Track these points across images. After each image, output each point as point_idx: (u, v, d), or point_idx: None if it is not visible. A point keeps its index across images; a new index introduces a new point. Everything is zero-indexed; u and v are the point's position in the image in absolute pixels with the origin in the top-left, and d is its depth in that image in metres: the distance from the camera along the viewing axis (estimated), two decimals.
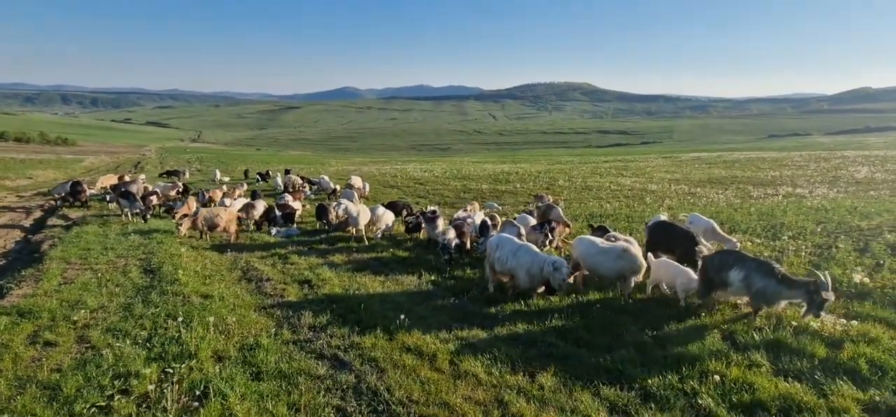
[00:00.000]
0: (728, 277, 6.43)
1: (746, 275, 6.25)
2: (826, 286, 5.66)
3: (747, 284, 6.24)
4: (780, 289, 6.01)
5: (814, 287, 5.74)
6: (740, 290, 6.39)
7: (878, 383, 4.70)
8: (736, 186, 26.87)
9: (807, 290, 5.80)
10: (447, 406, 4.33)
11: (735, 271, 6.39)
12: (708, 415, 4.25)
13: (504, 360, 5.32)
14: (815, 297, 5.71)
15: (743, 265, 6.38)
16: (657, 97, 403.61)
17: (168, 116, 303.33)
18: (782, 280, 6.01)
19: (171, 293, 7.00)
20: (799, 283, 5.94)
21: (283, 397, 4.30)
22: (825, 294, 5.64)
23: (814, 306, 5.73)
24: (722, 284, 6.55)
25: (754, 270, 6.23)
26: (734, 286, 6.39)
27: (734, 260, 6.55)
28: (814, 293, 5.72)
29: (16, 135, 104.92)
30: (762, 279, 6.11)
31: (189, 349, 5.05)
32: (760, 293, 6.13)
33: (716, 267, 6.72)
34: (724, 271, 6.51)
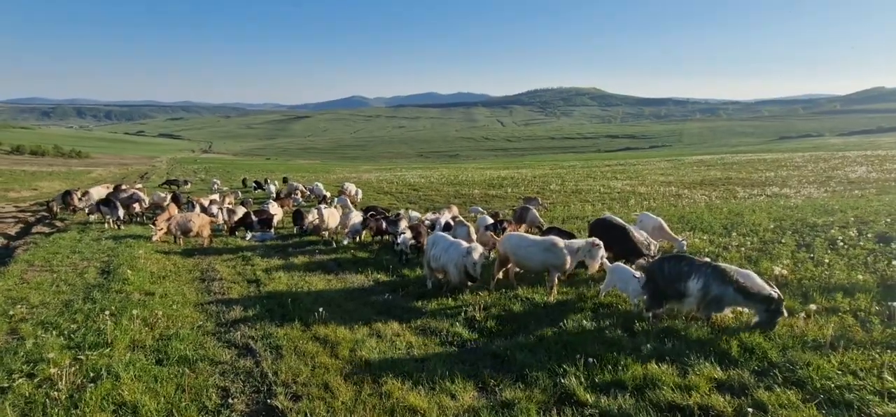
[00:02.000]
0: (686, 288, 5.95)
1: (705, 284, 5.82)
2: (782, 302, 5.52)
3: (704, 293, 5.83)
4: (737, 297, 5.69)
5: (775, 303, 5.50)
6: (698, 300, 5.92)
7: (743, 364, 4.92)
8: (725, 187, 26.90)
9: (767, 306, 5.53)
10: (327, 387, 4.65)
11: (693, 280, 5.91)
12: (565, 391, 4.51)
13: (402, 348, 5.64)
14: (773, 313, 5.50)
15: (700, 273, 5.91)
16: (666, 100, 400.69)
17: (180, 128, 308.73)
18: (739, 288, 5.66)
19: (114, 291, 7.43)
20: (757, 295, 5.59)
21: (174, 380, 4.66)
22: (783, 309, 5.51)
23: (767, 322, 5.51)
24: (678, 295, 6.06)
25: (712, 277, 5.82)
26: (692, 296, 5.92)
27: (689, 269, 6.02)
28: (775, 309, 5.51)
29: (32, 148, 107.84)
30: (720, 286, 5.75)
31: (106, 339, 5.44)
32: (716, 300, 5.79)
33: (668, 277, 6.16)
34: (681, 281, 6.00)
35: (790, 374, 4.68)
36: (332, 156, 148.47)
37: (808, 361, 4.83)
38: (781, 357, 4.98)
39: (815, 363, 4.80)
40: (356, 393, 4.52)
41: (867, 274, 7.45)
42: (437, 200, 24.65)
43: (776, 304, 5.49)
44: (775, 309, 5.49)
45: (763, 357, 5.02)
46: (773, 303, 5.50)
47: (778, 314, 5.49)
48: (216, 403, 4.36)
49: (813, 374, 4.61)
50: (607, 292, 7.36)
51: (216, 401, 4.39)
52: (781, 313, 5.50)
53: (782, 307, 5.51)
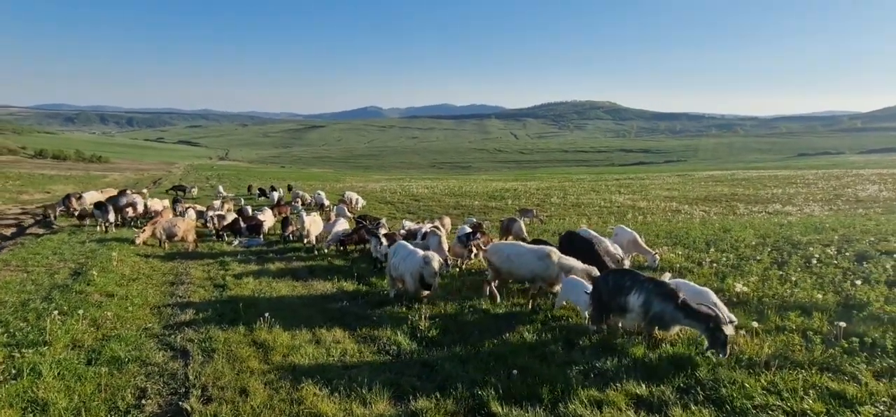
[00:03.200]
0: (627, 302, 5.92)
1: (646, 300, 5.75)
2: (724, 320, 5.34)
3: (646, 309, 5.77)
4: (677, 316, 5.56)
5: (714, 322, 5.27)
6: (639, 316, 5.88)
7: (669, 380, 4.82)
8: (727, 203, 26.59)
9: (707, 326, 5.31)
10: (243, 391, 4.69)
11: (634, 295, 5.86)
12: (479, 402, 4.47)
13: (336, 355, 5.66)
14: (716, 334, 5.24)
15: (641, 288, 5.85)
16: (681, 115, 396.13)
17: (198, 135, 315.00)
18: (681, 306, 5.54)
19: (75, 292, 7.59)
20: (697, 314, 5.42)
21: (96, 379, 4.73)
22: (726, 328, 5.26)
23: (717, 343, 5.23)
24: (620, 309, 6.03)
25: (653, 293, 5.75)
26: (634, 312, 5.88)
27: (632, 284, 5.98)
28: (714, 329, 5.25)
29: (54, 152, 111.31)
30: (661, 303, 5.65)
31: (46, 338, 5.56)
32: (658, 317, 5.70)
33: (611, 291, 6.14)
34: (622, 296, 5.97)
35: (713, 392, 4.58)
36: (345, 166, 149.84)
37: (734, 379, 4.72)
38: (710, 375, 4.87)
39: (741, 382, 4.68)
40: (269, 398, 4.54)
41: (830, 293, 7.26)
42: (436, 210, 24.75)
43: (714, 323, 5.27)
44: (714, 328, 5.25)
45: (691, 374, 4.91)
46: (710, 321, 5.29)
47: (720, 333, 5.22)
48: (129, 403, 4.42)
49: (736, 393, 4.50)
50: (560, 305, 7.27)
51: (129, 402, 4.45)
52: (722, 333, 5.22)
53: (721, 327, 5.24)
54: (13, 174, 48.04)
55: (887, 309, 6.31)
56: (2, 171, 52.70)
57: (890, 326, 5.85)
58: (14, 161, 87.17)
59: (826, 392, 4.45)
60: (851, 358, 5.11)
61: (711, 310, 5.40)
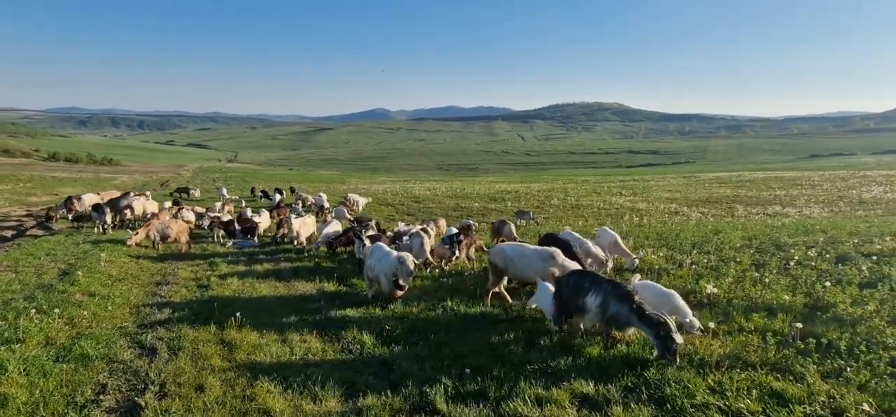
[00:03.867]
0: (585, 303, 5.98)
1: (603, 300, 5.82)
2: (672, 329, 5.24)
3: (603, 309, 5.83)
4: (631, 318, 5.59)
5: (664, 330, 5.22)
6: (597, 316, 5.94)
7: (618, 380, 4.89)
8: (727, 205, 26.52)
9: (657, 333, 5.29)
10: (200, 387, 4.84)
11: (592, 296, 5.93)
12: (426, 400, 4.58)
13: (299, 353, 5.82)
14: (666, 341, 5.20)
15: (599, 289, 5.91)
16: (691, 116, 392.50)
17: (208, 138, 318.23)
18: (635, 309, 5.56)
19: (58, 291, 7.81)
20: (649, 319, 5.41)
21: (60, 376, 4.92)
22: (675, 336, 5.20)
23: (667, 350, 5.21)
24: (578, 310, 6.12)
25: (610, 294, 5.80)
26: (592, 313, 5.94)
27: (590, 285, 6.07)
28: (664, 336, 5.21)
29: (66, 155, 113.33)
30: (617, 304, 5.70)
31: (19, 335, 5.76)
32: (614, 318, 5.76)
33: (571, 291, 6.23)
34: (580, 296, 6.05)
35: (657, 392, 4.64)
36: (352, 168, 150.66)
37: (680, 379, 4.78)
38: (657, 374, 4.94)
39: (687, 381, 4.74)
40: (223, 394, 4.69)
41: (799, 295, 7.26)
42: (436, 212, 24.91)
43: (664, 331, 5.21)
44: (664, 335, 5.19)
45: (640, 373, 4.98)
46: (661, 329, 5.24)
47: (670, 341, 5.17)
48: (87, 398, 4.59)
49: (678, 392, 4.56)
50: (531, 307, 7.34)
51: (88, 397, 4.62)
52: (673, 341, 5.16)
53: (672, 335, 5.18)
54: (25, 176, 48.99)
55: (851, 311, 6.31)
56: (14, 174, 53.75)
57: (849, 327, 5.86)
58: (28, 163, 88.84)
59: (768, 392, 4.50)
60: (803, 359, 5.13)
61: (663, 317, 5.34)
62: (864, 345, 5.31)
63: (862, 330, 5.72)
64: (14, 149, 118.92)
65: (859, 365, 4.94)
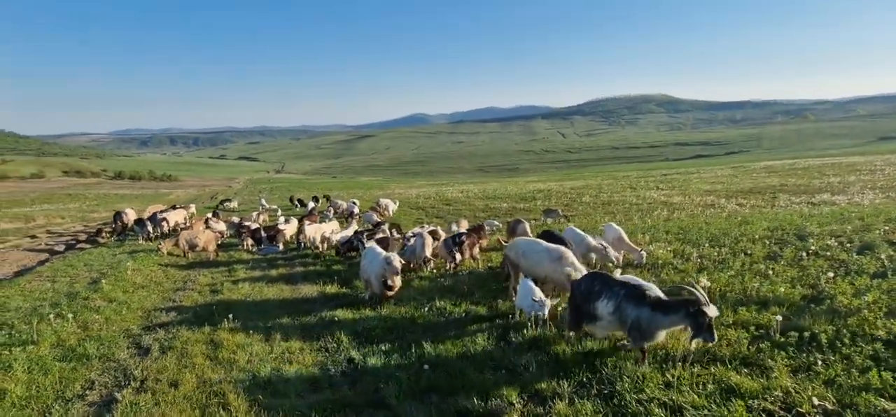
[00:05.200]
0: (596, 309, 5.34)
1: (617, 306, 5.14)
2: (704, 301, 4.65)
3: (620, 316, 5.13)
4: (657, 318, 4.86)
5: (694, 307, 4.63)
6: (613, 324, 5.27)
7: (573, 375, 4.85)
8: (770, 195, 25.12)
9: (687, 312, 4.68)
10: (175, 384, 5.22)
11: (603, 302, 5.27)
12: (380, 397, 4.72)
13: (278, 352, 6.14)
14: (698, 319, 4.60)
15: (611, 293, 5.26)
16: (744, 103, 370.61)
17: (256, 151, 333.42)
18: (657, 305, 4.89)
19: (81, 298, 8.56)
20: (676, 305, 4.82)
21: (58, 373, 5.44)
22: (707, 309, 4.59)
23: (702, 330, 4.60)
24: (591, 317, 5.45)
25: (624, 298, 5.12)
26: (604, 320, 5.29)
27: (601, 288, 5.42)
28: (696, 314, 4.62)
29: (130, 173, 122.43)
30: (635, 308, 5.00)
31: (33, 338, 6.40)
32: (636, 326, 4.96)
33: (583, 295, 5.60)
34: (591, 301, 5.42)
35: (608, 386, 4.56)
36: (393, 173, 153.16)
37: (637, 374, 4.68)
38: (614, 370, 4.84)
39: (643, 376, 4.63)
40: (194, 389, 5.04)
41: (799, 287, 6.84)
42: (465, 213, 25.04)
43: (693, 307, 4.62)
44: (696, 313, 4.60)
45: (596, 369, 4.91)
46: (692, 308, 4.63)
47: (701, 316, 4.57)
48: (75, 393, 5.07)
49: (628, 387, 4.47)
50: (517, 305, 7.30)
51: (76, 392, 5.10)
52: (704, 315, 4.57)
53: (702, 308, 4.57)
54: (92, 195, 53.29)
55: (848, 303, 5.90)
56: (85, 193, 58.54)
57: (841, 319, 5.49)
58: (97, 183, 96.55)
59: (724, 387, 4.33)
60: (777, 353, 4.89)
61: (690, 294, 4.75)
62: (848, 338, 4.99)
63: (852, 322, 5.35)
64: (85, 170, 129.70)
65: (836, 359, 4.65)
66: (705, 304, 4.56)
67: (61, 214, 31.40)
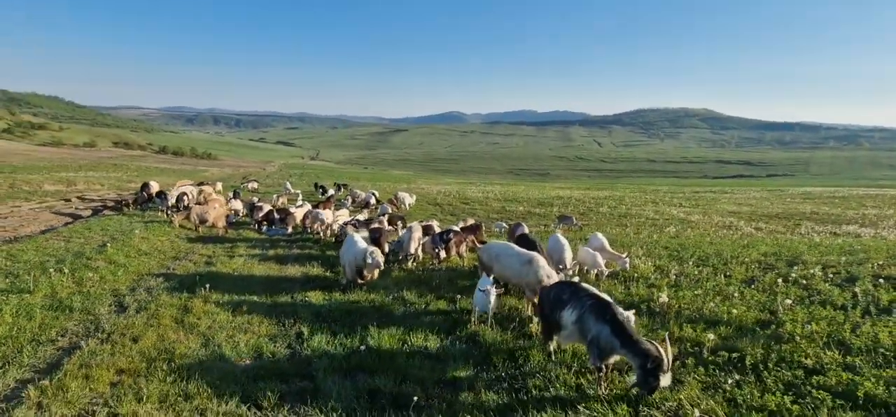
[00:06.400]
0: (561, 318, 5.17)
1: (580, 316, 4.96)
2: (665, 367, 4.34)
3: (581, 328, 4.95)
4: (613, 341, 4.61)
5: (653, 363, 4.34)
6: (574, 335, 5.09)
7: (493, 369, 5.08)
8: (794, 221, 24.35)
9: (643, 364, 4.38)
10: (136, 339, 5.73)
11: (568, 311, 5.09)
12: (306, 367, 5.08)
13: (237, 323, 6.58)
14: (649, 377, 4.37)
15: (577, 302, 5.06)
16: (794, 125, 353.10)
17: (294, 136, 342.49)
18: (618, 331, 4.62)
19: (85, 258, 9.32)
20: (636, 346, 4.48)
21: (40, 319, 6.06)
22: (662, 377, 4.33)
23: (646, 385, 4.41)
24: (556, 326, 5.29)
25: (588, 310, 4.92)
26: (567, 329, 5.11)
27: (569, 297, 5.23)
28: (651, 370, 4.34)
29: (174, 149, 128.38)
30: (596, 323, 4.78)
31: (30, 288, 7.11)
32: (595, 341, 4.76)
33: (551, 303, 5.44)
34: (558, 310, 5.25)
35: (520, 381, 4.77)
36: (425, 169, 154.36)
37: (551, 375, 4.87)
38: (538, 367, 5.06)
39: (558, 376, 4.82)
40: (152, 346, 5.55)
41: (755, 311, 6.80)
42: (480, 214, 25.31)
43: (653, 364, 4.33)
44: (652, 369, 4.33)
45: (519, 365, 5.12)
46: (649, 361, 4.34)
47: (653, 379, 4.34)
48: (48, 338, 5.67)
49: (537, 385, 4.68)
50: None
51: (50, 336, 5.70)
52: (657, 379, 4.33)
53: (659, 373, 4.32)
54: (134, 167, 56.26)
55: (790, 329, 5.87)
56: (129, 164, 61.84)
57: (780, 344, 5.48)
58: (142, 155, 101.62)
59: (617, 394, 4.49)
60: (697, 369, 4.98)
61: (655, 349, 4.41)
62: (773, 362, 5.00)
63: (787, 348, 5.33)
64: (133, 143, 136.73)
65: (750, 380, 4.70)
66: (663, 371, 4.33)
67: (101, 182, 33.39)
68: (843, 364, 4.91)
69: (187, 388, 4.53)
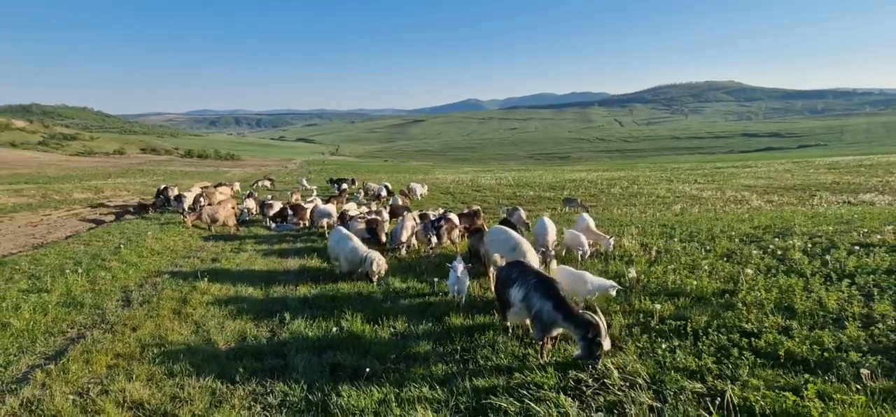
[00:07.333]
0: (509, 296, 5.54)
1: (526, 294, 5.34)
2: (603, 333, 4.69)
3: (527, 304, 5.32)
4: (556, 316, 5.00)
5: (592, 332, 4.66)
6: (522, 312, 5.44)
7: (452, 343, 5.51)
8: (810, 192, 23.92)
9: (584, 335, 4.72)
10: (135, 328, 6.37)
11: (515, 289, 5.49)
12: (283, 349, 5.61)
13: (227, 311, 7.16)
14: (592, 345, 4.67)
15: (523, 281, 5.47)
16: (825, 92, 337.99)
17: (314, 133, 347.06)
18: (559, 306, 5.01)
19: (101, 259, 10.11)
20: (576, 319, 4.85)
21: (54, 315, 6.78)
22: (603, 342, 4.67)
23: (590, 354, 4.69)
24: (506, 303, 5.65)
25: (534, 288, 5.30)
26: (516, 307, 5.47)
27: (517, 276, 5.61)
28: (591, 339, 4.67)
29: (198, 152, 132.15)
30: (540, 300, 5.16)
31: (47, 287, 7.87)
32: (538, 316, 5.15)
33: (502, 282, 5.82)
34: (507, 288, 5.62)
35: (471, 353, 5.19)
36: (443, 159, 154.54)
37: (498, 346, 5.26)
38: (490, 338, 5.46)
39: (502, 346, 5.23)
40: (149, 334, 6.17)
41: (716, 281, 7.03)
42: (490, 201, 25.62)
43: (593, 333, 4.67)
44: (592, 338, 4.66)
45: (475, 340, 5.54)
46: (589, 331, 4.69)
47: (595, 346, 4.65)
48: (59, 329, 6.37)
49: (485, 356, 5.08)
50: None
51: (61, 329, 6.40)
52: (599, 345, 4.65)
53: (599, 339, 4.66)
54: (161, 171, 58.41)
55: (741, 297, 6.13)
56: (155, 169, 64.21)
57: (726, 312, 5.74)
58: (169, 160, 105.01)
59: (562, 359, 4.85)
60: (638, 336, 5.30)
61: (593, 319, 4.76)
62: (713, 329, 5.28)
63: (730, 316, 5.59)
64: (160, 148, 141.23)
65: (685, 345, 5.00)
66: (603, 337, 4.66)
67: (127, 188, 34.94)
68: (780, 328, 5.15)
69: (172, 368, 5.11)
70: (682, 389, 4.10)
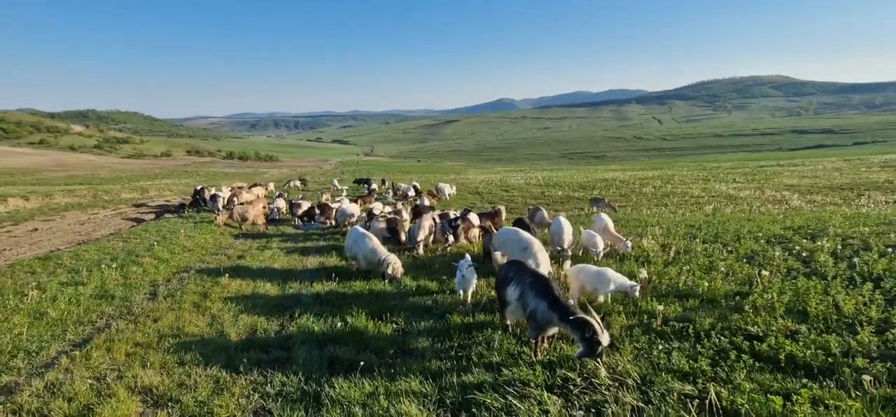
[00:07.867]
0: (506, 295, 5.63)
1: (521, 293, 5.40)
2: (599, 331, 4.68)
3: (523, 303, 5.37)
4: (551, 315, 5.04)
5: (590, 331, 4.66)
6: (518, 310, 5.50)
7: (450, 339, 5.59)
8: (855, 193, 22.64)
9: (582, 335, 4.72)
10: (156, 319, 6.77)
11: (512, 288, 5.56)
12: (287, 342, 5.84)
13: (243, 306, 7.49)
14: (591, 343, 4.67)
15: (519, 280, 5.52)
16: (885, 85, 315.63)
17: (349, 134, 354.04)
18: (555, 305, 5.04)
19: (135, 255, 10.74)
20: (573, 321, 4.85)
21: (86, 305, 7.28)
22: (601, 338, 4.67)
23: (592, 352, 4.69)
24: (503, 302, 5.76)
25: (529, 287, 5.36)
26: (512, 305, 5.54)
27: (513, 275, 5.68)
28: (589, 338, 4.67)
29: (239, 154, 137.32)
30: (535, 299, 5.21)
31: (83, 280, 8.45)
32: (533, 316, 5.20)
33: (500, 281, 5.90)
34: (504, 287, 5.71)
35: (466, 351, 5.24)
36: (476, 159, 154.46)
37: (493, 343, 5.30)
38: (488, 336, 5.51)
39: (498, 344, 5.25)
40: (168, 325, 6.55)
41: (730, 283, 6.78)
42: (518, 201, 25.57)
43: (590, 332, 4.66)
44: (590, 337, 4.65)
45: (474, 337, 5.59)
46: (586, 330, 4.69)
47: (595, 344, 4.64)
48: (90, 319, 6.84)
49: (479, 352, 5.12)
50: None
51: (92, 318, 6.87)
52: (598, 342, 4.64)
53: (597, 337, 4.65)
54: (203, 172, 61.16)
55: (753, 300, 5.92)
56: (198, 170, 67.24)
57: (733, 314, 5.56)
58: (211, 161, 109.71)
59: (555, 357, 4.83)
60: (639, 338, 5.22)
61: (589, 318, 4.76)
62: (716, 331, 5.13)
63: (736, 318, 5.41)
64: (204, 150, 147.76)
65: (684, 347, 4.88)
66: (600, 333, 4.66)
67: (170, 188, 36.76)
68: (787, 332, 4.95)
69: (184, 357, 5.42)
70: (671, 391, 4.02)
